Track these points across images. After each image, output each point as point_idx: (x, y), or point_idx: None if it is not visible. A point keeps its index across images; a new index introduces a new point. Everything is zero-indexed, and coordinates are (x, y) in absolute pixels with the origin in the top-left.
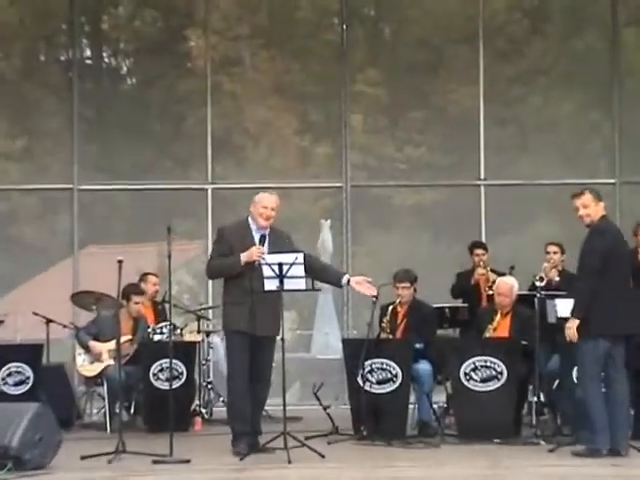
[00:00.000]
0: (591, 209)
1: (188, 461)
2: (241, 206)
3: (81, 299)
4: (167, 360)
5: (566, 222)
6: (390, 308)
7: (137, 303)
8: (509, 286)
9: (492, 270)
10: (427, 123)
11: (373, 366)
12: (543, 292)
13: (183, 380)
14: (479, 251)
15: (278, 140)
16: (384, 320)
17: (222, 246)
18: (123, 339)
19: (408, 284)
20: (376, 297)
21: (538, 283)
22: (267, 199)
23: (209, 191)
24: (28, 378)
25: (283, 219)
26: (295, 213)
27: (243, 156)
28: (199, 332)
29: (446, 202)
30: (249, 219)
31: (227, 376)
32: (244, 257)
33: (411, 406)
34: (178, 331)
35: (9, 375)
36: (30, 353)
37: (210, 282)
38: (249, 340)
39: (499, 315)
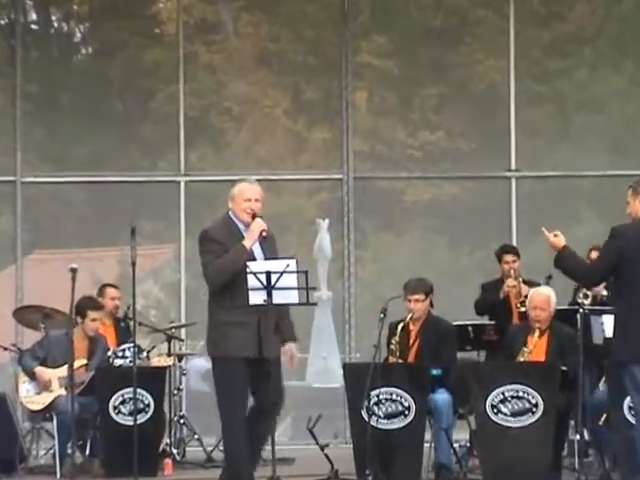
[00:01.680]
0: (630, 205)
1: None
2: (221, 202)
3: (26, 315)
4: (130, 389)
5: (614, 221)
6: (400, 326)
7: (94, 320)
8: (545, 297)
9: (524, 281)
10: (446, 102)
11: (381, 396)
12: (588, 306)
13: (150, 414)
14: (509, 257)
15: (265, 122)
16: (393, 341)
17: (215, 247)
18: (77, 364)
19: (422, 296)
20: (384, 313)
21: (582, 300)
22: (249, 190)
23: (182, 184)
24: None
25: (271, 218)
26: (286, 210)
27: (223, 142)
28: (169, 356)
29: (469, 198)
30: (231, 215)
31: (221, 411)
32: (248, 239)
33: (427, 445)
34: (144, 354)
35: None
36: None
37: (183, 295)
38: (251, 366)
39: (535, 334)
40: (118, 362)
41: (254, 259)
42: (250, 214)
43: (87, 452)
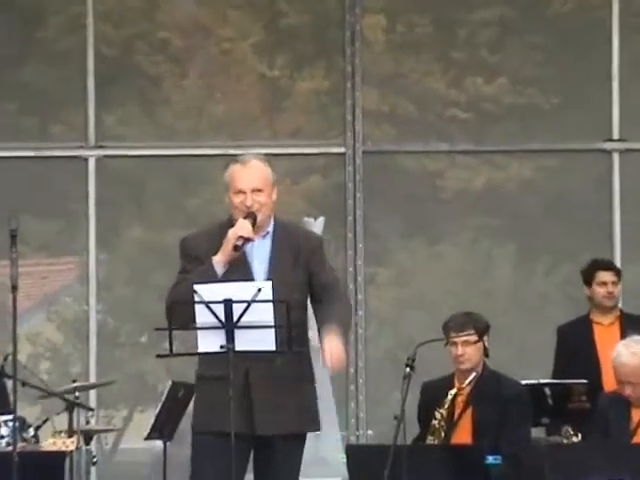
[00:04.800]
0: None
1: None
2: (156, 189)
3: None
4: None
5: None
6: (452, 393)
7: None
8: (632, 367)
9: (625, 315)
10: (511, 32)
11: None
12: None
13: None
14: (607, 276)
15: (224, 64)
16: (438, 414)
17: (187, 265)
18: None
19: (473, 336)
20: (411, 366)
21: None
22: (241, 176)
23: (91, 161)
24: None
25: None
26: None
27: (157, 96)
28: (71, 435)
29: (548, 183)
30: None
31: None
32: (220, 254)
33: None
34: (30, 432)
35: None
36: None
37: (93, 338)
38: (244, 444)
39: None
40: None
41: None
42: (244, 213)
43: None
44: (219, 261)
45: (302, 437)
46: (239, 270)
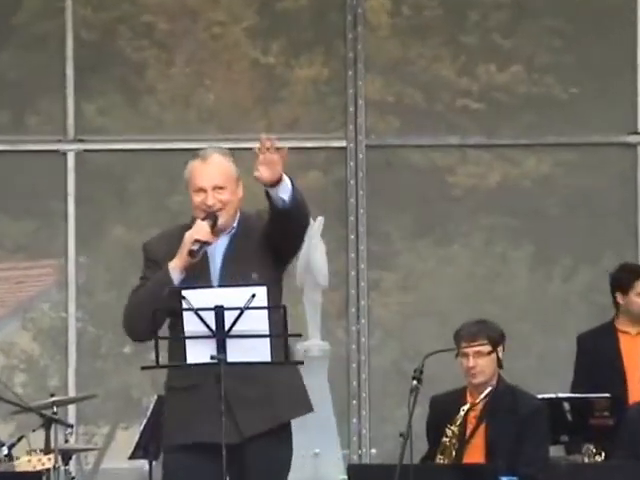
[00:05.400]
0: None
1: None
2: (139, 186)
3: None
4: None
5: None
6: (465, 408)
7: None
8: None
9: None
10: (527, 15)
11: None
12: None
13: None
14: (636, 282)
15: (215, 51)
16: (449, 431)
17: (147, 271)
18: None
19: (486, 346)
20: (418, 379)
21: None
22: (200, 173)
23: (70, 156)
24: None
25: None
26: (251, 201)
27: (141, 85)
28: (48, 453)
29: (567, 180)
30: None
31: None
32: (176, 259)
33: None
34: (4, 450)
35: None
36: None
37: (73, 348)
38: (221, 459)
39: None
40: None
41: (209, 285)
42: (205, 214)
43: None
44: (175, 267)
45: (285, 427)
46: (199, 274)
